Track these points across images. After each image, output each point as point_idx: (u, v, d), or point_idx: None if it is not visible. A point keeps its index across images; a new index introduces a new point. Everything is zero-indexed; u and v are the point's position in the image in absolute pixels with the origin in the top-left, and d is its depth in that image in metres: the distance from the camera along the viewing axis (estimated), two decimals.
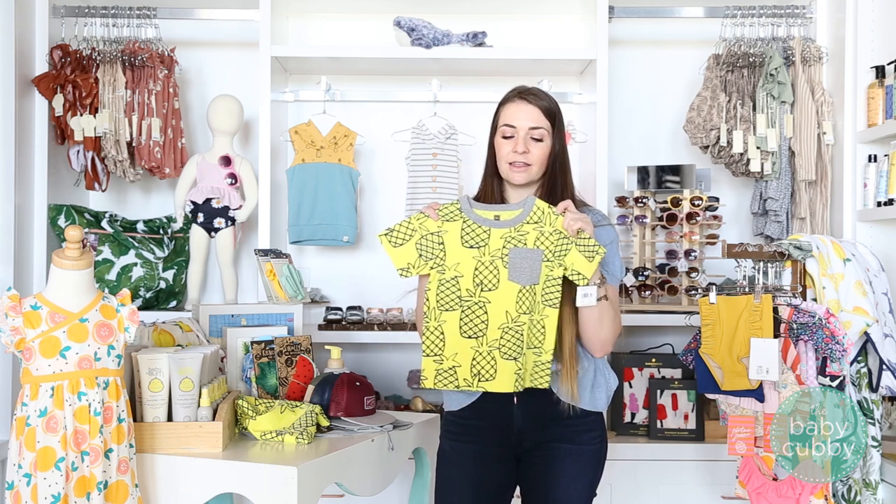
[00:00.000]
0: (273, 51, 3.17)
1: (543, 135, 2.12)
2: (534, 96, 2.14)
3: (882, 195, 2.85)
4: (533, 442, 2.14)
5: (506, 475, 2.18)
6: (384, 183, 3.55)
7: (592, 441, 2.15)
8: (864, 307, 2.44)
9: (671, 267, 3.23)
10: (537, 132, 2.11)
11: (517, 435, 2.13)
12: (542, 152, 2.12)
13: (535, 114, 2.12)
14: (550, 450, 2.13)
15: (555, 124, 2.14)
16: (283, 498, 1.94)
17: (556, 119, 2.14)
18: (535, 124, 2.11)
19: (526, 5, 3.45)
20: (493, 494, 2.17)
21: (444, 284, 2.06)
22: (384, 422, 2.39)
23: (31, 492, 1.85)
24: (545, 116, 2.12)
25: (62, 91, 3.15)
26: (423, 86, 3.33)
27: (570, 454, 2.12)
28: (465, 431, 2.18)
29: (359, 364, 3.38)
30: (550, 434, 2.12)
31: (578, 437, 2.13)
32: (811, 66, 3.22)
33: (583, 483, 2.14)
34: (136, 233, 3.32)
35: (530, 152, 2.11)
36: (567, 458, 2.12)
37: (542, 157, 2.13)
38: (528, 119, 2.12)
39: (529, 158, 2.12)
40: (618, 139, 3.41)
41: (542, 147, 2.12)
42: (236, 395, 2.36)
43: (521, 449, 2.15)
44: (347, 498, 2.60)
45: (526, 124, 2.11)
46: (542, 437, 2.13)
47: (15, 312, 1.89)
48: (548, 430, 2.12)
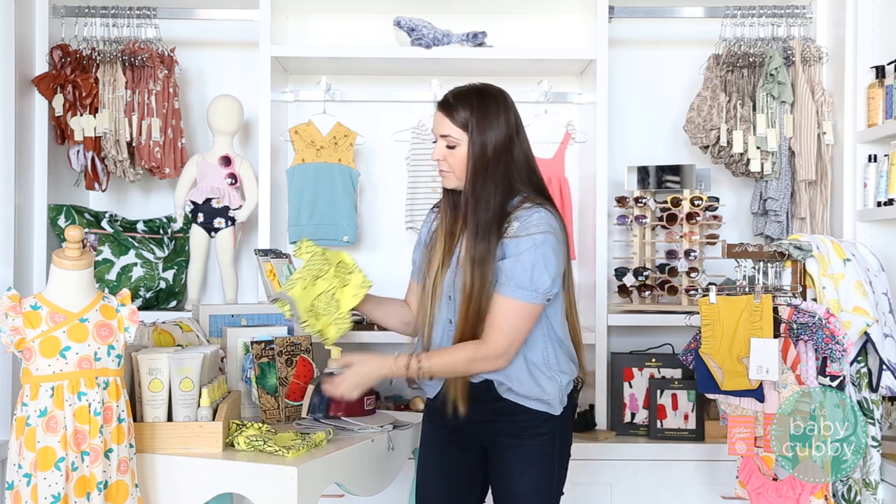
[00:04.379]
0: (273, 51, 3.17)
1: (455, 143, 2.15)
2: (447, 105, 2.17)
3: (882, 195, 2.85)
4: (487, 435, 2.20)
5: (472, 461, 2.26)
6: (384, 183, 3.54)
7: (537, 437, 2.17)
8: (864, 307, 2.44)
9: (671, 267, 3.23)
10: (449, 140, 2.16)
11: (472, 425, 2.19)
12: (456, 159, 2.15)
13: (442, 122, 2.16)
14: (501, 444, 2.20)
15: (470, 130, 2.13)
16: (283, 498, 1.95)
17: (470, 126, 2.13)
18: (444, 132, 2.16)
19: (526, 5, 3.45)
20: (461, 477, 2.28)
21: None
22: (384, 422, 2.39)
23: (31, 492, 1.86)
24: (454, 123, 2.14)
25: (62, 91, 3.15)
26: (423, 86, 3.33)
27: (518, 450, 2.18)
28: (434, 414, 2.28)
29: None
30: (499, 429, 2.19)
31: (525, 433, 2.17)
32: (811, 66, 3.22)
33: (531, 480, 2.17)
34: (136, 233, 3.32)
35: (445, 160, 2.17)
36: (514, 453, 2.18)
37: (458, 164, 2.16)
38: (439, 126, 2.18)
39: (446, 165, 2.18)
40: (618, 139, 3.41)
41: (455, 154, 2.15)
42: (236, 395, 2.36)
43: (479, 439, 2.23)
44: (347, 498, 2.60)
45: (438, 131, 2.18)
46: (492, 430, 2.19)
47: (15, 312, 1.89)
48: (496, 424, 2.18)
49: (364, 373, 2.18)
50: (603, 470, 2.97)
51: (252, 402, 2.50)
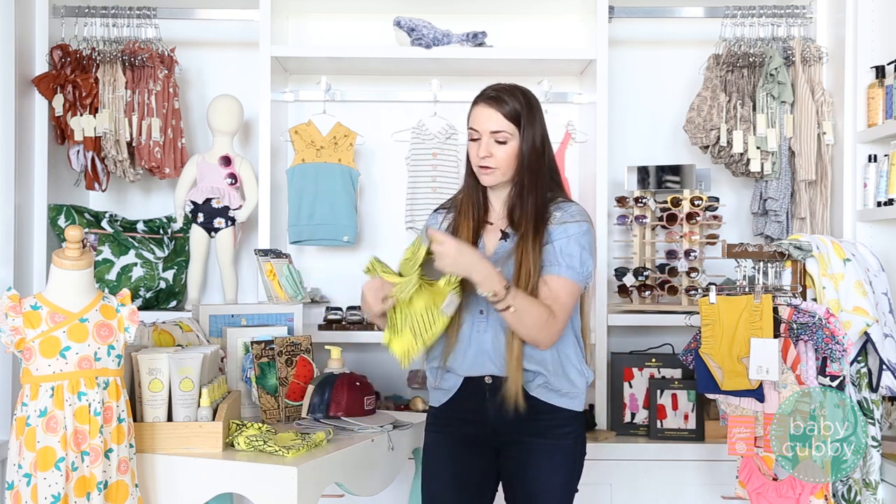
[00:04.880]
0: (273, 51, 3.17)
1: (507, 138, 2.12)
2: (495, 100, 2.13)
3: (882, 195, 2.85)
4: (508, 435, 2.16)
5: (485, 466, 2.21)
6: (384, 183, 3.54)
7: (565, 437, 2.17)
8: (864, 307, 2.44)
9: (671, 267, 3.23)
10: (500, 135, 2.12)
11: (492, 427, 2.16)
12: (505, 155, 2.12)
13: (495, 117, 2.11)
14: (524, 444, 2.16)
15: (521, 125, 2.12)
16: (283, 498, 1.95)
17: (521, 120, 2.12)
18: (496, 128, 2.12)
19: (526, 5, 3.45)
20: (473, 485, 2.22)
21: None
22: (384, 422, 2.39)
23: (31, 492, 1.86)
24: (507, 118, 2.11)
25: (62, 91, 3.15)
26: (423, 86, 3.33)
27: (543, 449, 2.15)
28: (445, 423, 2.23)
29: (359, 364, 3.37)
30: (524, 429, 2.15)
31: (551, 432, 2.15)
32: (811, 66, 3.22)
33: (558, 479, 2.16)
34: (136, 233, 3.32)
35: (493, 155, 2.12)
36: (540, 453, 2.15)
37: (507, 159, 2.13)
38: (489, 122, 2.12)
39: (493, 162, 2.12)
40: (618, 139, 3.41)
41: (507, 149, 2.12)
42: (236, 395, 2.36)
43: (497, 441, 2.19)
44: (347, 498, 2.60)
45: (487, 128, 2.12)
46: (515, 430, 2.15)
47: (15, 312, 1.89)
48: (521, 424, 2.14)
49: (469, 251, 2.05)
50: (603, 470, 2.97)
51: (252, 402, 2.50)
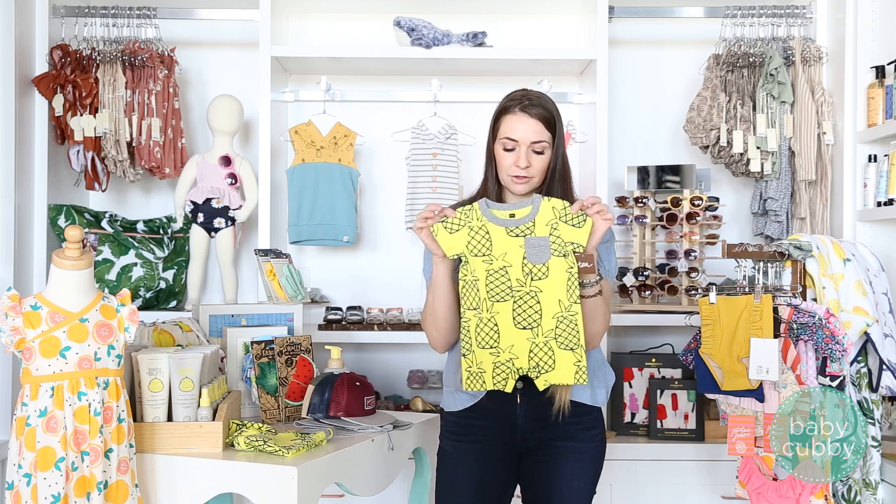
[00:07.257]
0: (273, 51, 3.17)
1: (545, 147, 2.10)
2: (535, 107, 2.09)
3: (882, 195, 2.85)
4: (536, 440, 2.14)
5: (508, 474, 2.19)
6: (384, 183, 3.55)
7: (594, 438, 2.17)
8: (864, 307, 2.44)
9: (671, 267, 3.23)
10: (539, 145, 2.09)
11: (521, 434, 2.14)
12: (542, 164, 2.11)
13: (536, 127, 2.08)
14: (553, 447, 2.14)
15: (555, 133, 2.11)
16: (283, 498, 1.94)
17: (556, 127, 2.11)
18: (536, 138, 2.08)
19: (526, 5, 3.45)
20: (495, 493, 2.18)
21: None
22: (384, 422, 2.39)
23: (31, 492, 1.85)
24: (546, 128, 2.09)
25: (62, 91, 3.15)
26: (423, 86, 3.33)
27: (573, 452, 2.14)
28: (467, 432, 2.18)
29: (359, 364, 3.38)
30: (553, 432, 2.13)
31: (581, 434, 2.15)
32: (811, 66, 3.22)
33: (586, 480, 2.16)
34: (136, 233, 3.32)
35: (532, 166, 2.10)
36: (570, 455, 2.14)
37: (542, 169, 2.12)
38: (530, 133, 2.08)
39: (531, 172, 2.10)
40: (618, 139, 3.41)
41: (543, 159, 2.11)
42: (236, 395, 2.36)
43: (523, 448, 2.16)
44: (347, 498, 2.60)
45: (528, 138, 2.08)
46: (544, 435, 2.13)
47: (15, 312, 1.89)
48: (551, 428, 2.12)
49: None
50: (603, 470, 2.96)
51: (252, 402, 2.49)
